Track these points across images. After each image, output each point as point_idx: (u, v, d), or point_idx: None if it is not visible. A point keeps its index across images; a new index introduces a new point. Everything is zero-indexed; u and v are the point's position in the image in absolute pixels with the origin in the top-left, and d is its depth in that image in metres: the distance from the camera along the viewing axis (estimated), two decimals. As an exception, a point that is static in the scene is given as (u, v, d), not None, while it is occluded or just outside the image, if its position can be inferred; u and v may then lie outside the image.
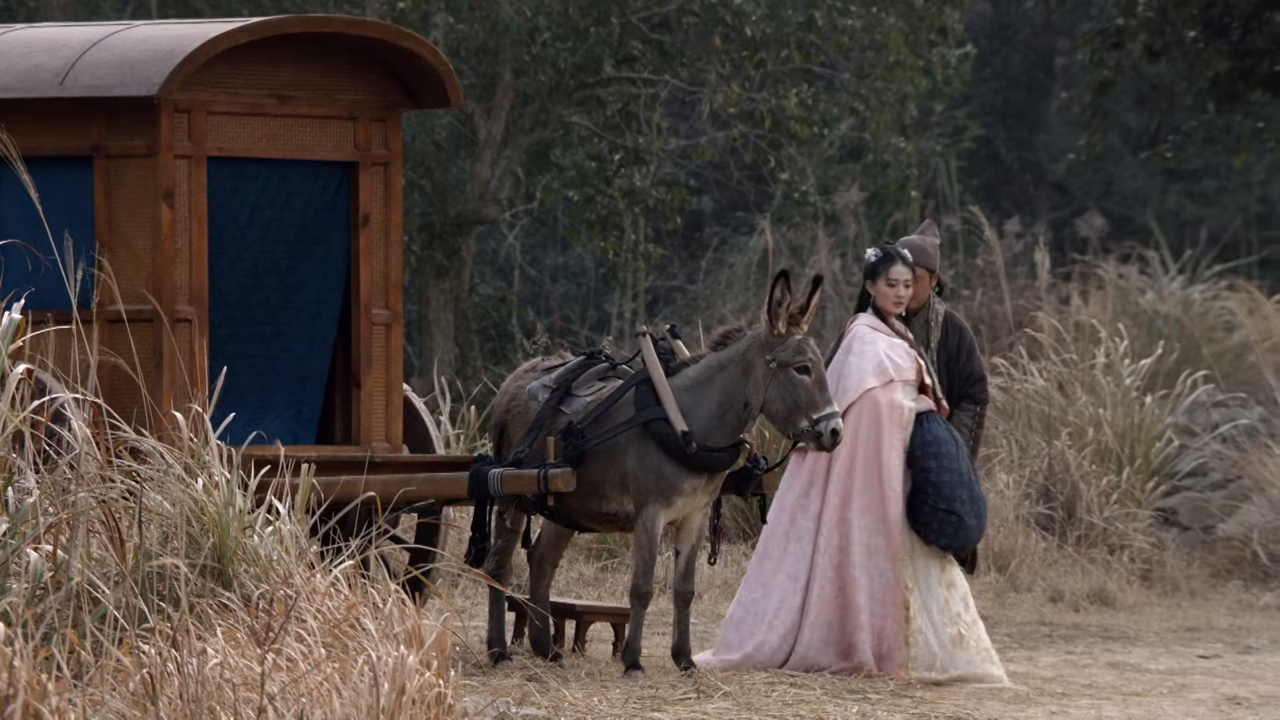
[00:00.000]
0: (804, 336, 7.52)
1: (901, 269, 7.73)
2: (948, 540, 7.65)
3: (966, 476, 7.64)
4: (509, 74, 14.58)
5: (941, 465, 7.60)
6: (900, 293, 7.72)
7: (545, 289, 17.54)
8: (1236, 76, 13.51)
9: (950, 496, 7.60)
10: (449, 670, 5.68)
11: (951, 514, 7.60)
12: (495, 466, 7.72)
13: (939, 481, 7.59)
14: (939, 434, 7.66)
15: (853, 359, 7.71)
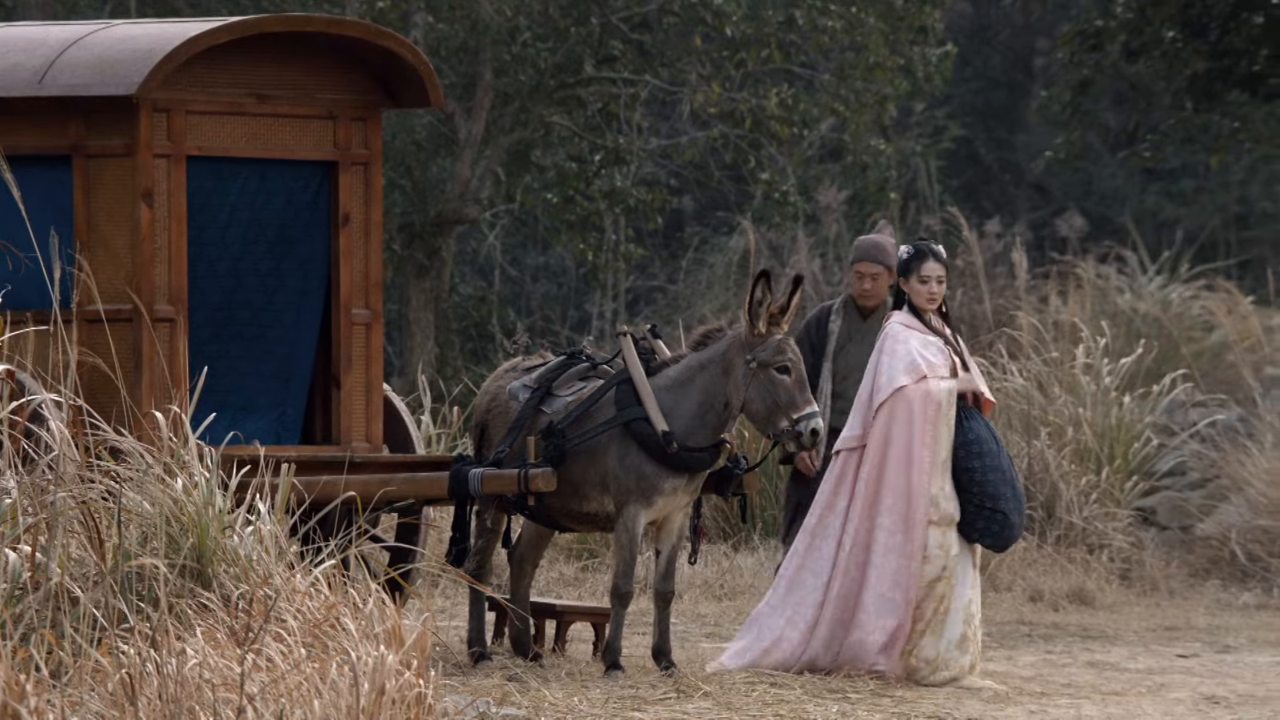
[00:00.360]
0: (784, 336, 7.53)
1: (934, 265, 7.69)
2: (992, 539, 7.61)
3: (1009, 474, 7.60)
4: (489, 74, 14.58)
5: (985, 465, 7.55)
6: (933, 289, 7.69)
7: (526, 289, 17.54)
8: (1214, 76, 13.55)
9: (995, 495, 7.55)
10: (429, 670, 5.68)
11: (997, 512, 7.56)
12: (476, 466, 7.71)
13: (984, 480, 7.55)
14: (980, 433, 7.61)
15: (885, 358, 7.67)
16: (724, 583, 10.55)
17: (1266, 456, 11.73)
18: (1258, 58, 13.44)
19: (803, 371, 7.52)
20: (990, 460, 7.56)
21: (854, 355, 8.02)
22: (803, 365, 7.53)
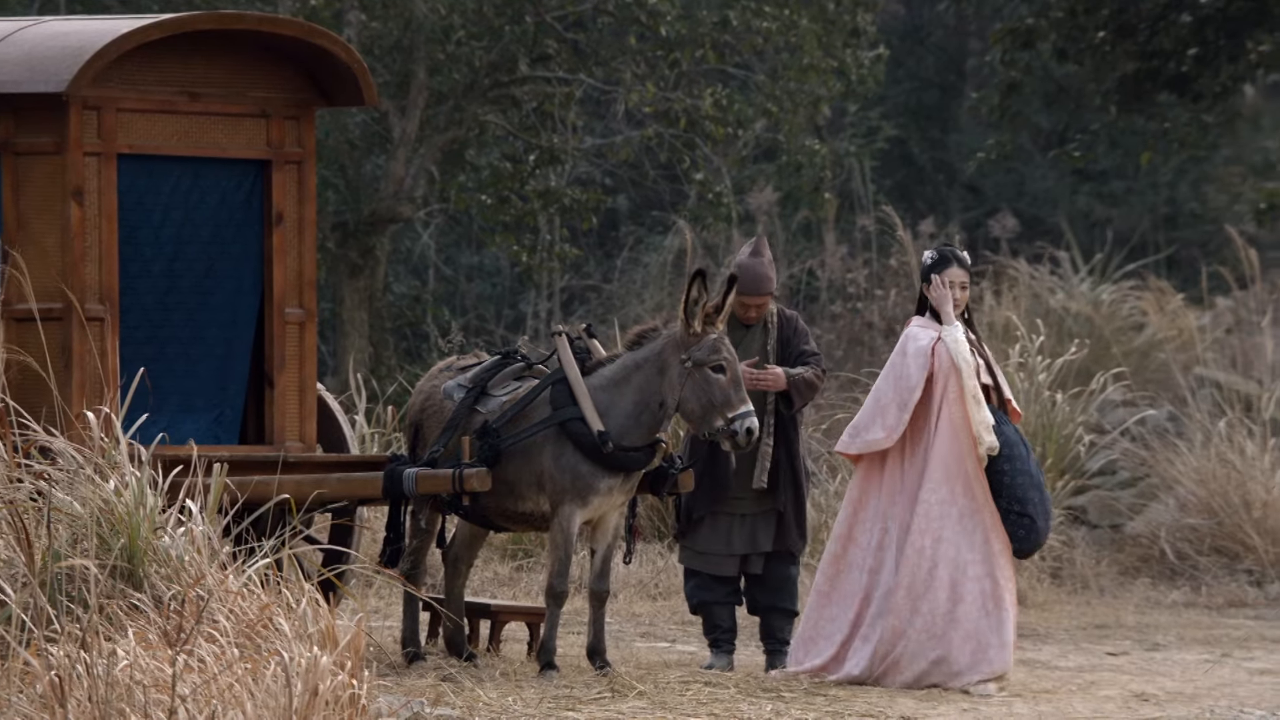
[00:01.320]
0: (719, 335, 7.54)
1: (956, 270, 7.68)
2: (1018, 543, 7.56)
3: (1038, 479, 7.57)
4: (423, 72, 14.54)
5: (1015, 468, 7.52)
6: (957, 294, 7.68)
7: (460, 288, 17.50)
8: (1143, 77, 13.66)
9: (1024, 499, 7.51)
10: (363, 671, 5.66)
11: (1025, 516, 7.51)
12: (410, 466, 7.69)
13: (1013, 484, 7.52)
14: (1010, 436, 7.57)
15: (909, 359, 7.68)
16: (659, 582, 10.55)
17: (1196, 455, 11.83)
18: (1185, 59, 13.56)
19: (738, 371, 7.53)
20: (1020, 464, 7.52)
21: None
22: (738, 365, 7.55)
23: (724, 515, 8.01)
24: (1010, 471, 7.52)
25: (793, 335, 8.06)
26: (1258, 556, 11.42)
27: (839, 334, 14.22)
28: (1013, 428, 7.64)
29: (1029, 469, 7.56)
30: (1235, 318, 14.24)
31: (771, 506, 8.02)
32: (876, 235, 15.07)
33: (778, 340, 8.04)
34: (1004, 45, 13.97)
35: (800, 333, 8.07)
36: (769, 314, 8.08)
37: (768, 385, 7.91)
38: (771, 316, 8.07)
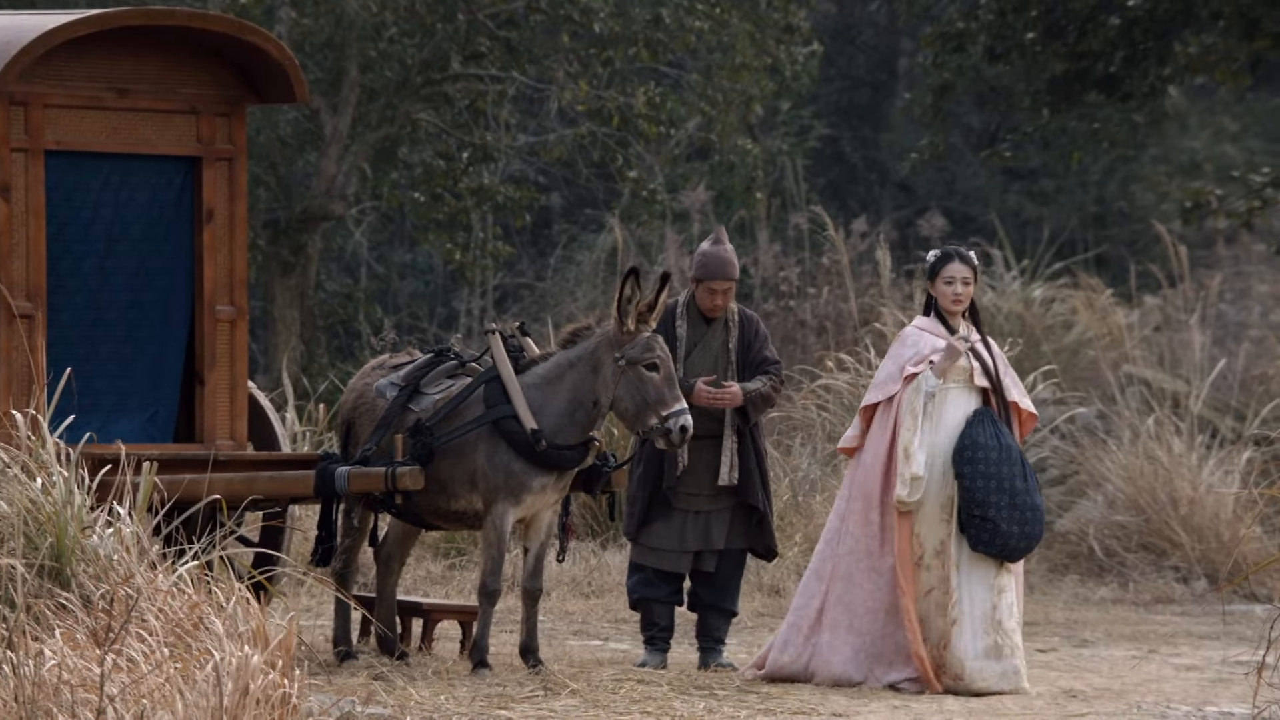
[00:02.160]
0: (653, 334, 7.55)
1: (958, 266, 7.62)
2: (984, 548, 7.49)
3: (1008, 483, 7.45)
4: (355, 69, 14.48)
5: (975, 471, 7.45)
6: (958, 290, 7.61)
7: (393, 285, 17.45)
8: (1072, 78, 13.76)
9: (983, 503, 7.44)
10: (294, 670, 5.63)
11: (986, 520, 7.44)
12: (342, 465, 7.66)
13: (971, 488, 7.45)
14: (978, 439, 7.50)
15: (887, 361, 7.65)
16: (591, 580, 10.55)
17: (1124, 453, 11.92)
18: (1114, 60, 13.67)
19: (671, 369, 7.54)
20: (983, 468, 7.45)
21: (700, 361, 8.03)
22: (671, 363, 7.55)
23: (678, 511, 8.01)
24: (970, 475, 7.46)
25: (754, 338, 8.04)
26: (1184, 553, 11.52)
27: (772, 332, 14.23)
28: (988, 430, 7.51)
29: (995, 473, 7.45)
30: (1163, 315, 14.38)
31: (729, 504, 8.01)
32: (809, 234, 15.12)
33: (739, 341, 8.04)
34: (935, 48, 14.04)
35: (761, 337, 8.07)
36: (730, 312, 8.07)
37: (725, 403, 7.88)
38: (733, 315, 8.07)
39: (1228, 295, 16.03)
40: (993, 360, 7.65)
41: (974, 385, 7.60)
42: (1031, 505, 7.50)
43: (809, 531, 11.00)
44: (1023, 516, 7.48)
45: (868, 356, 12.16)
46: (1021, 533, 7.49)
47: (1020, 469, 7.52)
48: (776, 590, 10.53)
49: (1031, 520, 7.50)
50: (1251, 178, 14.39)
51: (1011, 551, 7.52)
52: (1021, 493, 7.48)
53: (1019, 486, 7.48)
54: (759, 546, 8.08)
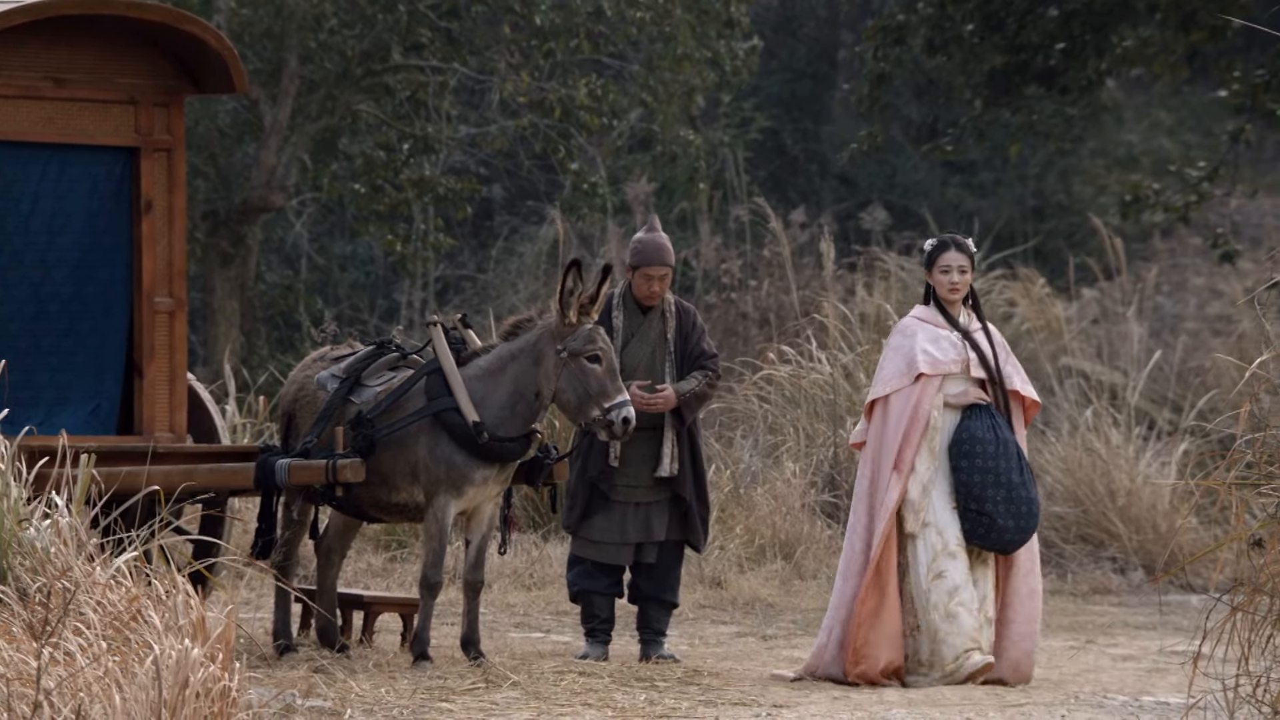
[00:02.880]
0: (595, 326, 7.54)
1: (954, 255, 7.59)
2: (980, 540, 7.47)
3: (1005, 477, 7.43)
4: (295, 60, 14.42)
5: (972, 465, 7.43)
6: (954, 279, 7.57)
7: (333, 277, 17.38)
8: (1011, 71, 13.83)
9: (980, 497, 7.43)
10: (234, 663, 5.61)
11: (982, 515, 7.43)
12: (283, 457, 7.63)
13: (969, 481, 7.44)
14: (975, 433, 7.48)
15: (887, 354, 7.61)
16: (533, 573, 10.55)
17: (1063, 444, 12.00)
18: (1053, 53, 13.75)
19: (614, 360, 7.53)
20: (980, 461, 7.44)
21: (638, 351, 8.03)
22: (614, 354, 7.55)
23: (618, 504, 8.01)
24: (967, 469, 7.45)
25: (691, 330, 8.03)
26: (1122, 544, 11.60)
27: (713, 324, 14.28)
28: (984, 423, 7.50)
29: (992, 466, 7.44)
30: (1101, 308, 14.47)
31: (668, 495, 8.01)
32: (750, 226, 15.15)
33: (676, 331, 8.03)
34: (876, 42, 14.09)
35: (699, 329, 8.05)
36: (667, 302, 8.06)
37: (658, 407, 7.86)
38: (669, 305, 8.06)
39: (1164, 288, 16.15)
40: (992, 349, 7.61)
41: (971, 377, 7.57)
42: (1027, 499, 7.48)
43: (750, 524, 11.03)
44: (1018, 510, 7.47)
45: (809, 348, 12.20)
46: (1017, 526, 7.48)
47: (1017, 462, 7.50)
48: (719, 583, 10.55)
49: (1026, 514, 7.49)
50: (1188, 172, 14.50)
51: (1006, 545, 7.50)
52: (1018, 486, 7.47)
53: (1015, 480, 7.46)
54: (688, 536, 8.07)
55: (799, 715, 6.73)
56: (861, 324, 12.71)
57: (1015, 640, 7.59)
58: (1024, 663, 7.61)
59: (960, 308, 7.66)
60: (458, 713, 6.61)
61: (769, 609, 10.18)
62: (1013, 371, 7.66)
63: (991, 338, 7.66)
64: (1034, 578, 7.63)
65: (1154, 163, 18.58)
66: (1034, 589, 7.62)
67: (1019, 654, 7.61)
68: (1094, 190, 18.80)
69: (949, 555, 7.49)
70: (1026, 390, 7.67)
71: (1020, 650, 7.60)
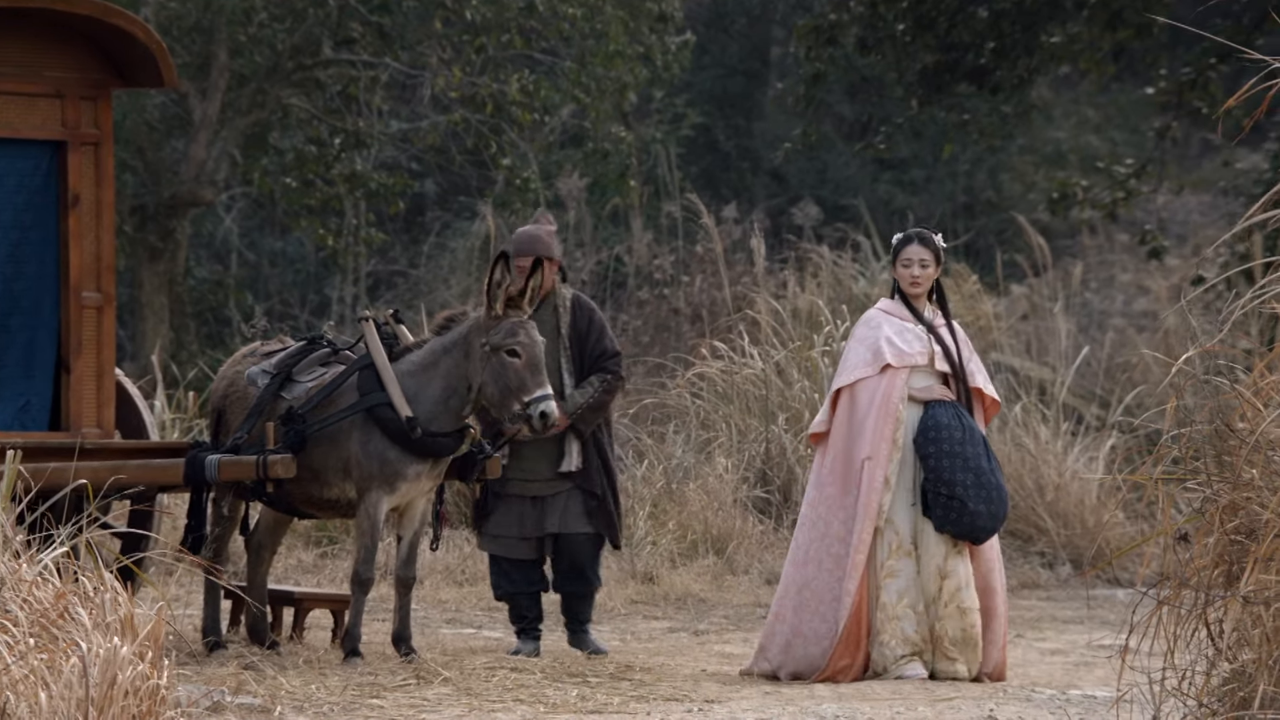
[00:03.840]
0: (519, 319, 7.48)
1: (916, 249, 7.59)
2: (952, 526, 7.44)
3: (974, 462, 7.42)
4: (224, 54, 14.33)
5: (940, 450, 7.42)
6: (915, 273, 7.58)
7: (264, 272, 17.29)
8: (943, 69, 13.91)
9: (951, 481, 7.41)
10: (163, 660, 5.57)
11: (953, 499, 7.40)
12: (212, 452, 7.59)
13: (938, 467, 7.42)
14: (941, 419, 7.46)
15: (852, 344, 7.61)
16: (465, 569, 10.53)
17: (992, 440, 12.06)
18: (984, 51, 13.83)
19: (536, 355, 7.46)
20: (948, 446, 7.42)
21: None
22: (537, 349, 7.48)
23: (514, 498, 7.98)
24: (935, 455, 7.45)
25: (588, 328, 7.96)
26: (1050, 539, 11.68)
27: (646, 320, 14.29)
28: (949, 411, 7.49)
29: (960, 451, 7.43)
30: (1030, 304, 14.57)
31: (569, 488, 7.98)
32: (683, 222, 15.17)
33: (571, 327, 7.97)
34: (808, 41, 14.13)
35: (597, 326, 7.97)
36: (561, 297, 8.00)
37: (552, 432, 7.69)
38: (564, 300, 8.00)
39: (1092, 284, 16.28)
40: (956, 345, 7.63)
41: (936, 370, 7.58)
42: (996, 485, 7.48)
43: (682, 519, 11.05)
44: (989, 496, 7.46)
45: (741, 344, 12.23)
46: (989, 512, 7.46)
47: (984, 449, 7.50)
48: (650, 578, 10.57)
49: (997, 500, 7.47)
50: (1115, 169, 14.62)
51: (978, 531, 7.48)
52: (987, 472, 7.46)
53: (984, 466, 7.46)
54: (604, 531, 8.05)
55: (730, 711, 6.75)
56: (794, 320, 12.75)
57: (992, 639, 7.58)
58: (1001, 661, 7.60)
59: (924, 302, 7.67)
60: (389, 709, 6.59)
61: (701, 604, 10.20)
62: (975, 369, 7.68)
63: (955, 333, 7.68)
64: (994, 575, 7.63)
65: (1082, 160, 18.73)
66: (992, 587, 7.62)
67: (996, 651, 7.59)
68: (1023, 187, 18.94)
69: (904, 554, 7.50)
70: (989, 389, 7.68)
71: (998, 647, 7.59)
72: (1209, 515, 5.01)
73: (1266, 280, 5.04)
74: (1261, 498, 4.90)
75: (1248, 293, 5.15)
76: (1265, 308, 5.20)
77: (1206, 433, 5.09)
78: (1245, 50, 5.43)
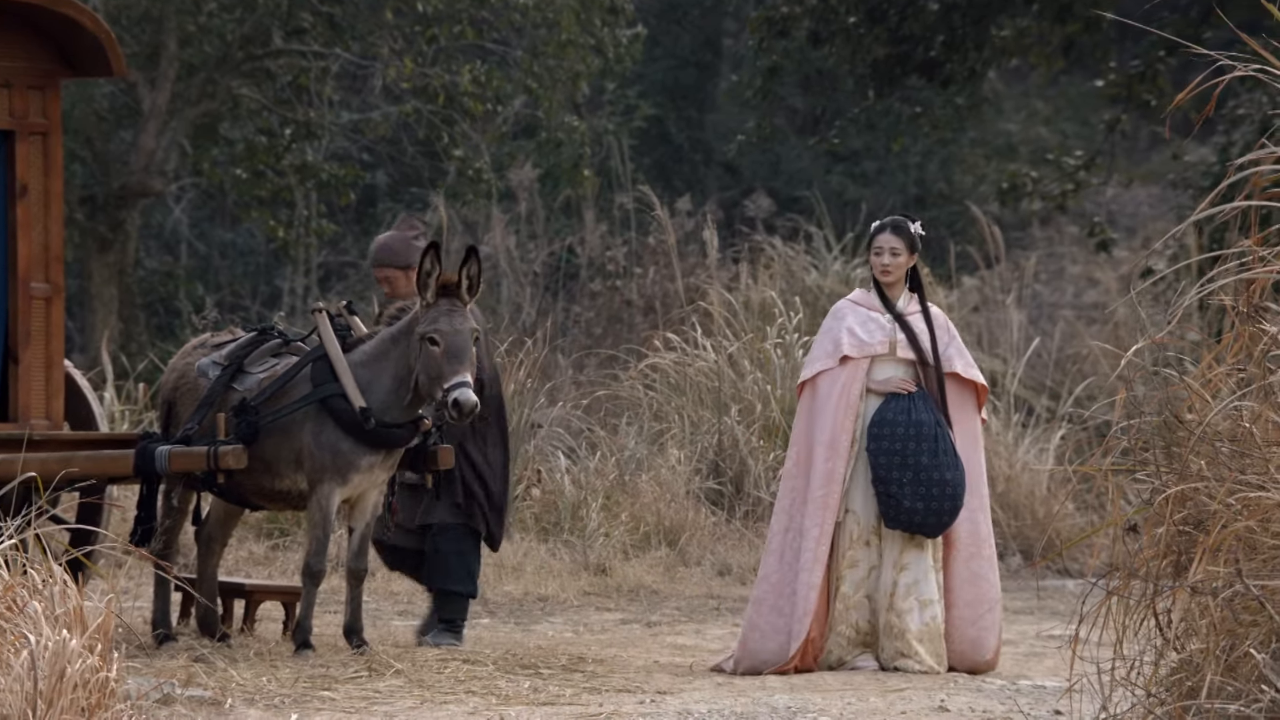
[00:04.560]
0: (448, 307, 7.41)
1: (887, 237, 7.56)
2: (890, 523, 7.46)
3: (913, 459, 7.42)
4: (174, 44, 14.25)
5: (879, 447, 7.43)
6: (885, 261, 7.55)
7: (214, 263, 17.22)
8: (894, 62, 13.95)
9: (886, 479, 7.43)
10: (112, 653, 5.54)
11: (888, 496, 7.42)
12: (163, 444, 7.55)
13: (874, 464, 7.44)
14: (887, 415, 7.46)
15: (818, 337, 7.61)
16: (417, 560, 10.50)
17: (941, 431, 12.10)
18: (934, 44, 13.88)
19: (453, 342, 7.30)
20: (887, 444, 7.44)
21: None
22: (457, 337, 7.35)
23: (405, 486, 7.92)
24: (874, 451, 7.46)
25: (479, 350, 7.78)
26: (1000, 530, 11.73)
27: (598, 312, 14.29)
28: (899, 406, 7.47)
29: (899, 449, 7.43)
30: (981, 296, 14.63)
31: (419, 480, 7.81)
32: (635, 213, 15.17)
33: None
34: (760, 33, 14.15)
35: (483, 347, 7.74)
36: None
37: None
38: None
39: (1042, 276, 16.35)
40: (930, 332, 7.61)
41: (899, 359, 7.58)
42: (939, 481, 7.46)
43: (635, 511, 11.06)
44: (928, 493, 7.44)
45: (694, 336, 12.24)
46: (927, 508, 7.45)
47: (930, 445, 7.47)
48: (603, 569, 10.57)
49: (939, 496, 7.45)
50: (1065, 161, 14.69)
51: (916, 528, 7.48)
52: (927, 468, 7.44)
53: (924, 463, 7.44)
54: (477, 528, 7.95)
55: (683, 702, 6.76)
56: (746, 311, 12.77)
57: (957, 625, 7.58)
58: (971, 650, 7.59)
59: (900, 290, 7.66)
60: (340, 701, 6.57)
61: (654, 596, 10.21)
62: (955, 354, 7.65)
63: (932, 320, 7.65)
64: (977, 561, 7.62)
65: (1032, 152, 18.81)
66: (976, 573, 7.61)
67: (963, 641, 7.58)
68: (974, 179, 19.01)
69: (863, 544, 7.52)
70: (969, 373, 7.64)
71: (965, 637, 7.58)
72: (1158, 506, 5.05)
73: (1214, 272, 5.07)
74: (1209, 489, 4.94)
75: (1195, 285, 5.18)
76: (1213, 300, 5.23)
77: (1155, 424, 5.12)
78: (1192, 45, 5.46)
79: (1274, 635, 4.61)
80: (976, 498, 7.62)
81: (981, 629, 7.60)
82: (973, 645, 7.61)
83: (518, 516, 10.94)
